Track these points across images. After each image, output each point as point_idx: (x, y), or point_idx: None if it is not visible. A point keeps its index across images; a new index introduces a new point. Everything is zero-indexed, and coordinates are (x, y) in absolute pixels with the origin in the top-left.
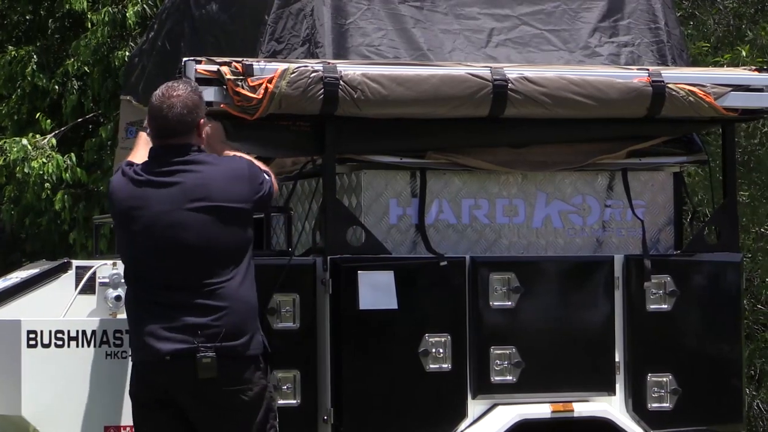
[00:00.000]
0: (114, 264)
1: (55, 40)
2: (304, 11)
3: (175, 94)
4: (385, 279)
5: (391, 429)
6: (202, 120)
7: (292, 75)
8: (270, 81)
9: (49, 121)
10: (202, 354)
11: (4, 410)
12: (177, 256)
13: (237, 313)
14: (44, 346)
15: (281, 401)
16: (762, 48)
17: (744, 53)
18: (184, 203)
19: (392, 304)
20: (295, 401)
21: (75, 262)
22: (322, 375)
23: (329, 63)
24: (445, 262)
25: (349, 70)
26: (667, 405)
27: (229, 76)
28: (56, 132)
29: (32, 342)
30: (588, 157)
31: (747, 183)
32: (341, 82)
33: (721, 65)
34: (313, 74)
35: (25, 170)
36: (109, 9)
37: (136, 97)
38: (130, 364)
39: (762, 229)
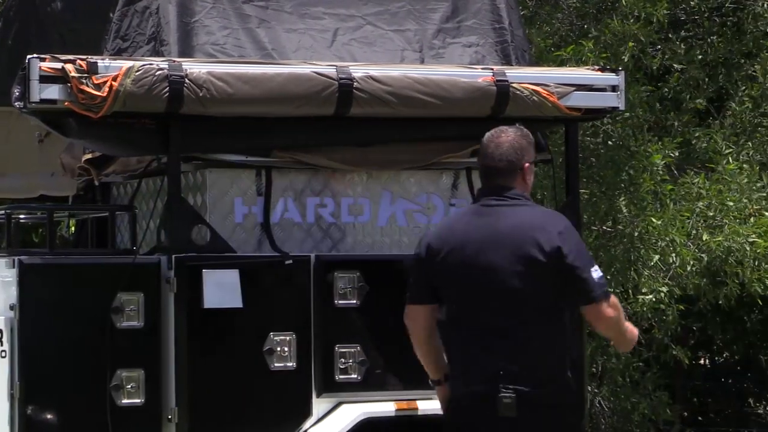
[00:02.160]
0: None
1: None
2: (150, 9)
3: (503, 135)
4: (230, 278)
5: (236, 428)
6: (527, 165)
7: (137, 73)
8: (115, 79)
9: None
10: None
11: None
12: (495, 299)
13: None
14: None
15: (126, 400)
16: (606, 44)
17: (590, 45)
18: (498, 246)
19: (237, 302)
20: (139, 400)
21: None
22: (166, 374)
23: (175, 61)
24: (290, 261)
25: (195, 68)
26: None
27: (73, 74)
28: None
29: None
30: (433, 156)
31: (588, 181)
32: (186, 81)
33: (564, 59)
34: (159, 72)
35: None
36: None
37: None
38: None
39: (604, 227)
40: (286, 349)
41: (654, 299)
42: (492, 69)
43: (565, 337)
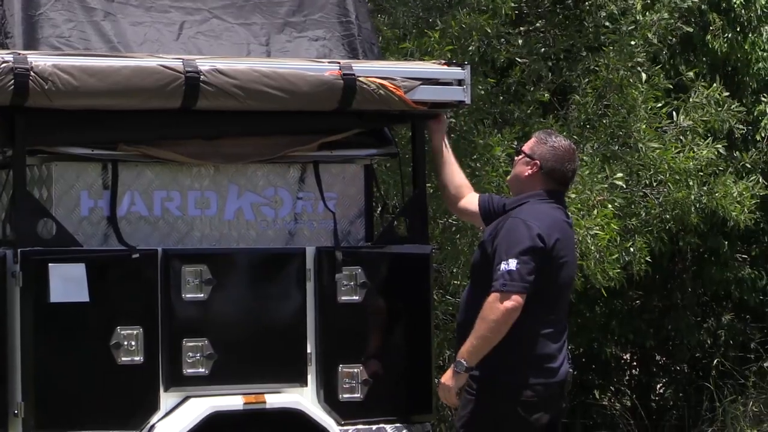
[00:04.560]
0: None
1: None
2: None
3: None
4: (77, 271)
5: (83, 422)
6: None
7: None
8: None
9: None
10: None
11: None
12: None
13: None
14: None
15: None
16: (452, 37)
17: (436, 37)
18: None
19: (83, 296)
20: None
21: None
22: (12, 369)
23: (20, 54)
24: (136, 255)
25: (40, 60)
26: (359, 396)
27: None
28: None
29: None
30: (280, 149)
31: (434, 174)
32: (32, 73)
33: (409, 51)
34: (3, 65)
35: None
36: None
37: None
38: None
39: (450, 220)
40: (133, 343)
41: None
42: (339, 62)
43: None
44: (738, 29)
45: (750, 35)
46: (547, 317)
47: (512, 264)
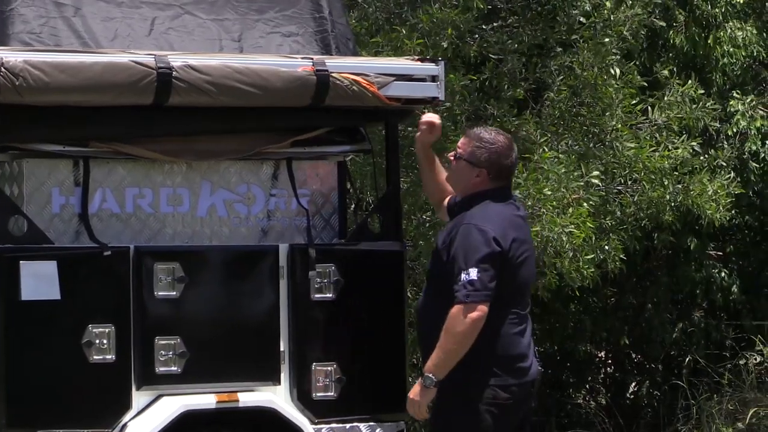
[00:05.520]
0: None
1: None
2: None
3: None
4: (48, 269)
5: (54, 421)
6: None
7: None
8: None
9: None
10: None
11: None
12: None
13: None
14: None
15: None
16: (423, 32)
17: (404, 32)
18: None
19: (55, 294)
20: None
21: None
22: None
23: None
24: (108, 252)
25: (11, 56)
26: (332, 394)
27: None
28: None
29: None
30: (253, 146)
31: (408, 170)
32: (2, 69)
33: (380, 46)
34: None
35: None
36: None
37: None
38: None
39: (424, 216)
40: (105, 341)
41: None
42: (312, 58)
43: None
44: (703, 25)
45: (714, 32)
46: (513, 316)
47: (473, 273)
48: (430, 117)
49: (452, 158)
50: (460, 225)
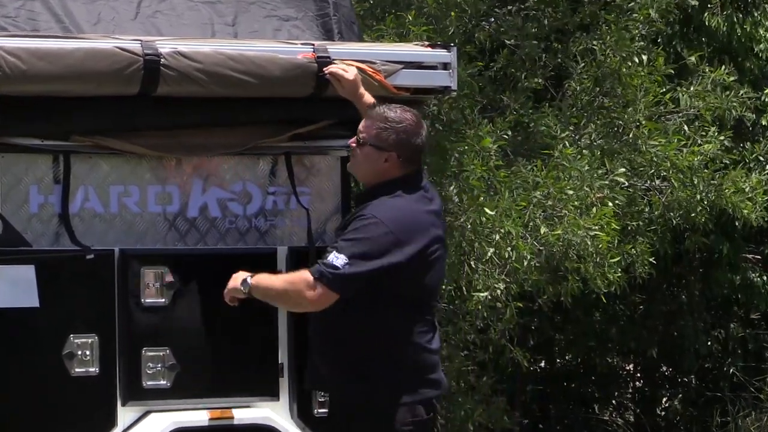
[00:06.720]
0: None
1: None
2: None
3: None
4: (26, 274)
5: None
6: None
7: None
8: None
9: None
10: None
11: None
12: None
13: None
14: None
15: None
16: (429, 16)
17: (411, 17)
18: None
19: (33, 301)
20: None
21: None
22: None
23: None
24: (91, 255)
25: None
26: None
27: None
28: None
29: None
30: (249, 140)
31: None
32: None
33: (384, 33)
34: None
35: None
36: None
37: None
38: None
39: None
40: (87, 352)
41: (490, 297)
42: (312, 44)
43: None
44: (740, 6)
45: (753, 13)
46: (423, 324)
47: (341, 260)
48: (333, 68)
49: (354, 144)
50: (365, 208)
